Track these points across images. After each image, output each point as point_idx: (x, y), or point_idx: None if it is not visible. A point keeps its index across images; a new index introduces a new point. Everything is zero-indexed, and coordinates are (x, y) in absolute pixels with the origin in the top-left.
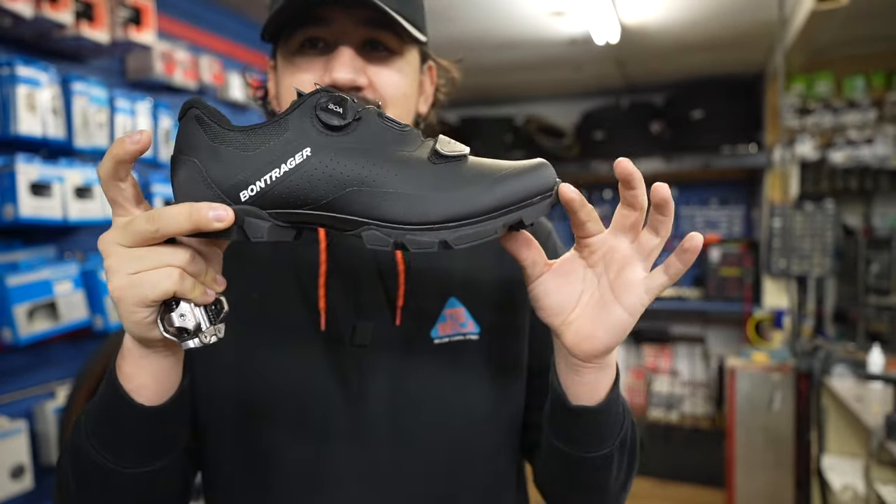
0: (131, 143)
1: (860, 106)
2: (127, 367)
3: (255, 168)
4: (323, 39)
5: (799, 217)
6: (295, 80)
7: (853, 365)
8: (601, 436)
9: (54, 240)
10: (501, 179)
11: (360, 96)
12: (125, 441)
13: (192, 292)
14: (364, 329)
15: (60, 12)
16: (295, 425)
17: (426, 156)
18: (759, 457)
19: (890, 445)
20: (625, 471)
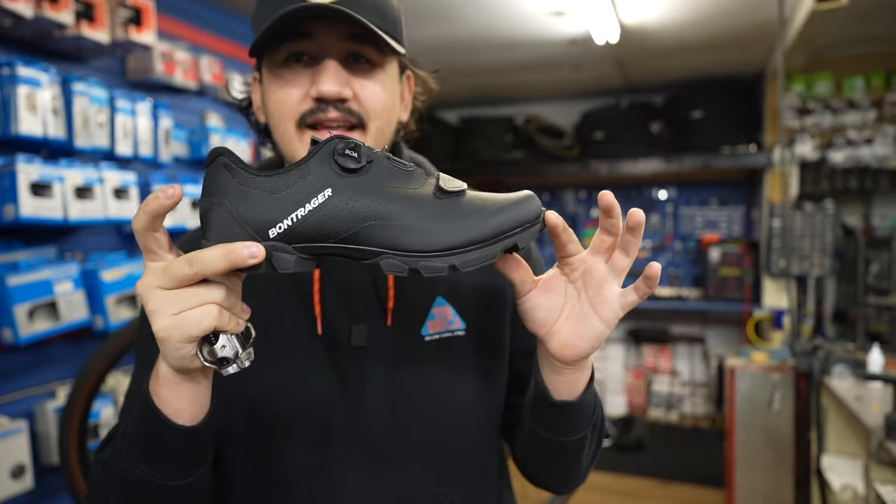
0: (165, 197)
1: (860, 106)
2: (165, 394)
3: (282, 208)
4: (307, 53)
5: (799, 217)
6: (282, 93)
7: (853, 365)
8: (578, 424)
9: (55, 240)
10: (497, 211)
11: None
12: (170, 458)
13: (228, 324)
14: (359, 331)
15: (61, 12)
16: (297, 424)
17: (431, 192)
18: (758, 456)
19: (889, 445)
20: (594, 448)
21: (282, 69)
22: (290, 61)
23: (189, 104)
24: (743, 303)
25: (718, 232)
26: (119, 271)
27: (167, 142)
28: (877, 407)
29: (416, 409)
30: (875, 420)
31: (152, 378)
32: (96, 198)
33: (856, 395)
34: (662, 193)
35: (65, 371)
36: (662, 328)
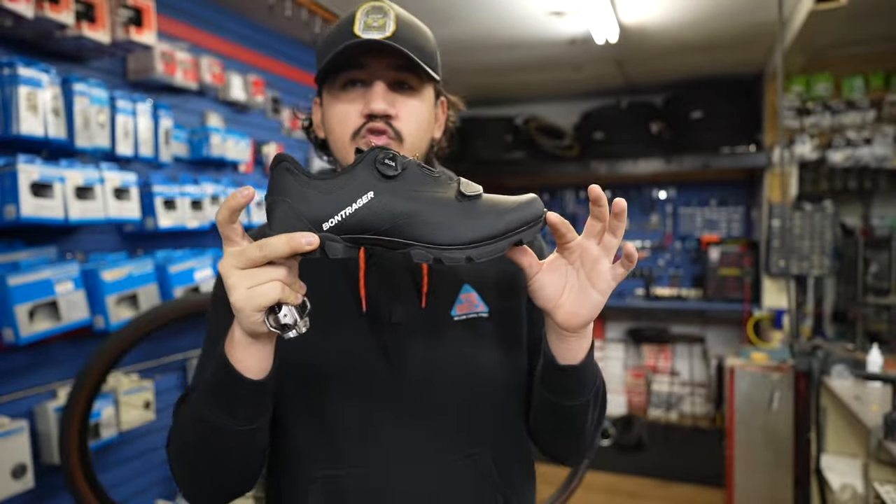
0: (242, 196)
1: (859, 106)
2: (238, 354)
3: (333, 206)
4: (361, 80)
5: (798, 217)
6: (340, 111)
7: (852, 364)
8: (580, 388)
9: (55, 240)
10: (507, 212)
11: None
12: (239, 406)
13: (289, 297)
14: (398, 310)
15: (61, 13)
16: (344, 385)
17: (454, 195)
18: (758, 456)
19: (888, 445)
20: (596, 419)
21: (340, 92)
22: (346, 86)
23: (189, 104)
24: (743, 303)
25: (718, 232)
26: (119, 271)
27: (167, 142)
28: (876, 407)
29: (448, 376)
30: (874, 420)
31: (227, 341)
32: (97, 198)
33: (855, 395)
34: (662, 193)
35: (65, 371)
36: (662, 328)
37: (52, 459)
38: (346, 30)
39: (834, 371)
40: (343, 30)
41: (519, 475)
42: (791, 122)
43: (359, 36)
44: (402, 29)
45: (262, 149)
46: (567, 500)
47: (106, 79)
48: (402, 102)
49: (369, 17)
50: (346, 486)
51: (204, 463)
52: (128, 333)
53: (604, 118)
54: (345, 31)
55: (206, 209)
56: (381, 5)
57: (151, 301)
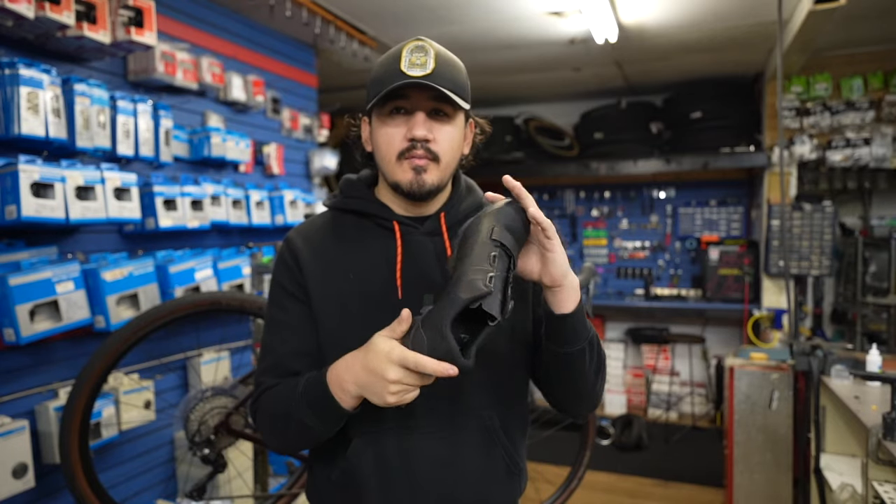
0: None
1: (858, 106)
2: (344, 397)
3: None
4: (405, 108)
5: (797, 217)
6: (388, 135)
7: (851, 364)
8: (576, 335)
9: (56, 240)
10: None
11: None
12: (331, 421)
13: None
14: (428, 298)
15: (62, 13)
16: None
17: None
18: (757, 456)
19: (887, 444)
20: (595, 364)
21: (387, 118)
22: (392, 113)
23: (190, 104)
24: (742, 303)
25: (718, 232)
26: (120, 271)
27: (168, 142)
28: (875, 406)
29: None
30: (873, 419)
31: (337, 380)
32: (97, 198)
33: (854, 395)
34: (662, 193)
35: (66, 370)
36: (662, 328)
37: (53, 459)
38: (393, 67)
39: (833, 371)
40: (391, 67)
41: (517, 433)
42: (790, 123)
43: (405, 72)
44: (439, 66)
45: (263, 149)
46: (567, 499)
47: (106, 79)
48: (439, 129)
49: (413, 56)
50: (384, 439)
51: (290, 438)
52: (128, 333)
53: (604, 118)
54: (393, 68)
55: (207, 209)
56: (424, 45)
57: (152, 301)
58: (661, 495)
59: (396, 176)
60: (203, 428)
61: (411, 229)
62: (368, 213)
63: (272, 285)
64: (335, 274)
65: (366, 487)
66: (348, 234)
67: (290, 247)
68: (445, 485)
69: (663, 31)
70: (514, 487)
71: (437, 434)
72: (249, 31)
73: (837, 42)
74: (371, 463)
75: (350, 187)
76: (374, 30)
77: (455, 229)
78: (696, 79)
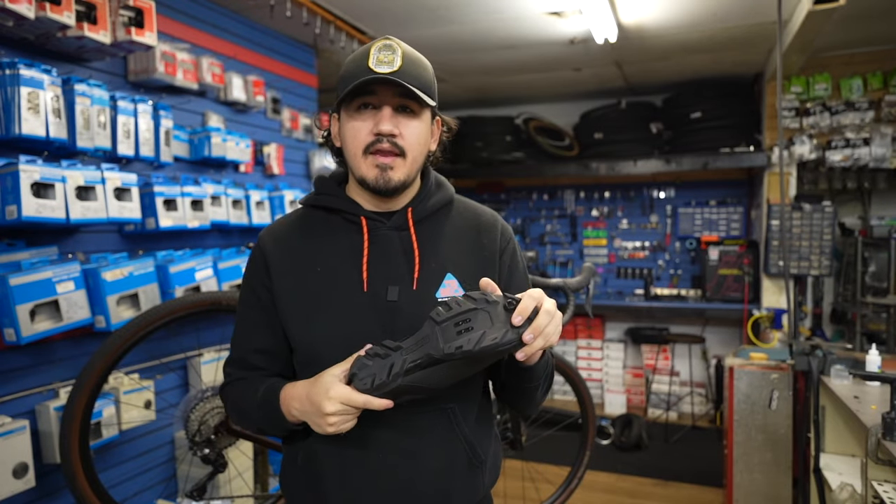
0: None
1: (858, 106)
2: (288, 415)
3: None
4: (372, 104)
5: (797, 217)
6: (355, 129)
7: (851, 364)
8: (535, 377)
9: (57, 240)
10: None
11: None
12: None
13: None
14: (393, 290)
15: (63, 14)
16: (346, 350)
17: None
18: (757, 455)
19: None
20: (545, 389)
21: (355, 113)
22: (360, 108)
23: (190, 105)
24: (742, 302)
25: (717, 232)
26: (120, 271)
27: (168, 142)
28: (874, 406)
29: None
30: (873, 419)
31: (287, 405)
32: (98, 198)
33: (854, 395)
34: (662, 193)
35: (66, 370)
36: (662, 328)
37: (54, 459)
38: (362, 64)
39: (833, 371)
40: (359, 64)
41: (480, 426)
42: (790, 123)
43: (373, 69)
44: (406, 64)
45: (263, 149)
46: (567, 499)
47: (107, 79)
48: (405, 124)
49: (381, 54)
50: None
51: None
52: (129, 333)
53: (604, 118)
54: (361, 65)
55: (207, 209)
56: (391, 43)
57: (152, 301)
58: (661, 495)
59: (362, 171)
60: (203, 428)
61: (378, 224)
62: (337, 208)
63: (242, 283)
64: (303, 268)
65: (326, 473)
66: (317, 229)
67: (259, 246)
68: (405, 476)
69: (663, 31)
70: (476, 480)
71: (397, 425)
72: (249, 31)
73: (837, 42)
74: (331, 449)
75: (322, 184)
76: (374, 30)
77: (423, 224)
78: (695, 79)
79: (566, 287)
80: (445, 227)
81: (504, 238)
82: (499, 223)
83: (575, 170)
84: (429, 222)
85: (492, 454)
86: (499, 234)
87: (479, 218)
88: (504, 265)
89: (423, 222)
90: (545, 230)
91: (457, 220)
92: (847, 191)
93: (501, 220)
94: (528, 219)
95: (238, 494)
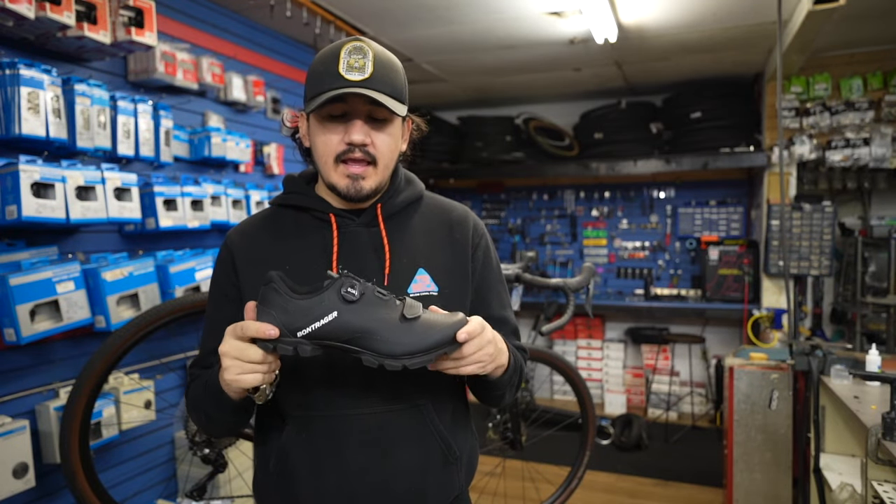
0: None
1: (857, 106)
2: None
3: (306, 320)
4: (343, 112)
5: (797, 217)
6: (326, 138)
7: (851, 364)
8: (503, 385)
9: (57, 240)
10: (436, 332)
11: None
12: (227, 409)
13: (264, 382)
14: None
15: (63, 14)
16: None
17: (398, 317)
18: (757, 455)
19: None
20: (514, 389)
21: (325, 121)
22: (331, 116)
23: (190, 105)
24: (742, 302)
25: (717, 232)
26: (120, 271)
27: (168, 142)
28: (874, 406)
29: None
30: (873, 419)
31: (220, 376)
32: (98, 198)
33: (854, 395)
34: (662, 193)
35: (66, 370)
36: (662, 328)
37: (54, 459)
38: (331, 68)
39: (833, 371)
40: (329, 67)
41: (456, 421)
42: (790, 123)
43: (342, 75)
44: (377, 69)
45: (263, 149)
46: (567, 499)
47: (107, 79)
48: (376, 134)
49: (351, 58)
50: (313, 424)
51: (207, 424)
52: (129, 333)
53: (604, 118)
54: (330, 69)
55: (207, 209)
56: (362, 45)
57: (152, 301)
58: (661, 495)
59: (333, 179)
60: None
61: (348, 221)
62: (306, 206)
63: (211, 284)
64: (272, 265)
65: (298, 476)
66: (286, 227)
67: (227, 245)
68: (378, 474)
69: (663, 31)
70: (452, 478)
71: (368, 422)
72: (249, 31)
73: (837, 42)
74: (303, 450)
75: (291, 183)
76: (374, 30)
77: (393, 219)
78: (695, 79)
79: (566, 287)
80: (415, 222)
81: (477, 233)
82: (470, 218)
83: (575, 170)
84: (398, 218)
85: (468, 450)
86: (471, 229)
87: (450, 213)
88: (478, 260)
89: (392, 218)
90: (545, 230)
91: (427, 215)
92: (847, 191)
93: (473, 215)
94: (528, 219)
95: (238, 494)
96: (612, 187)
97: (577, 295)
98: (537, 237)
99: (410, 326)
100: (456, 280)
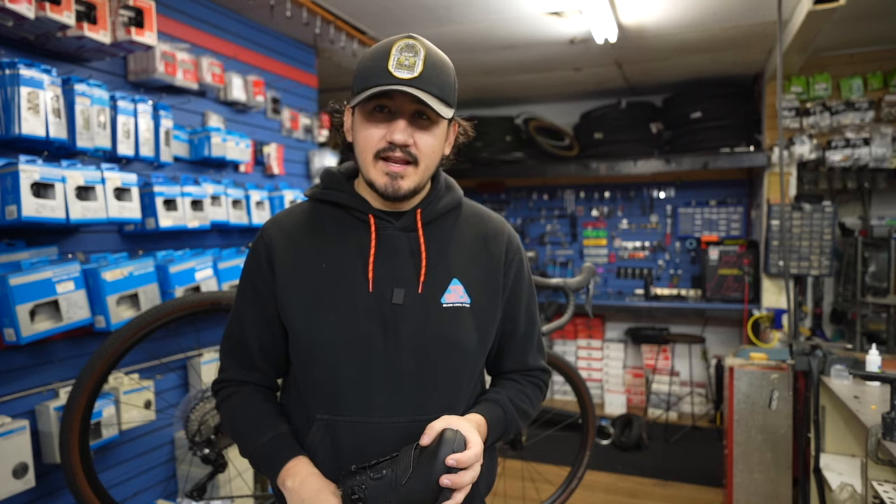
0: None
1: (858, 106)
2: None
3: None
4: (388, 107)
5: (797, 217)
6: (368, 133)
7: (851, 364)
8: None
9: (56, 240)
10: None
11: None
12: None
13: None
14: (399, 293)
15: (62, 13)
16: (348, 352)
17: (403, 481)
18: (757, 455)
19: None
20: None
21: (369, 117)
22: (376, 110)
23: (190, 105)
24: (742, 303)
25: (717, 232)
26: (120, 271)
27: (168, 142)
28: (874, 406)
29: (434, 350)
30: (873, 419)
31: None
32: (98, 198)
33: (854, 395)
34: (662, 193)
35: (66, 370)
36: (662, 328)
37: (54, 459)
38: (381, 64)
39: (833, 371)
40: (378, 63)
41: None
42: (790, 123)
43: (391, 73)
44: (428, 69)
45: (263, 149)
46: (567, 499)
47: (107, 79)
48: (419, 136)
49: (402, 55)
50: (340, 428)
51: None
52: (129, 333)
53: (604, 118)
54: (380, 65)
55: (207, 209)
56: (414, 43)
57: (152, 301)
58: (661, 495)
59: (371, 175)
60: (203, 428)
61: (387, 223)
62: (345, 205)
63: (242, 274)
64: (308, 263)
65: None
66: (325, 224)
67: (264, 238)
68: None
69: (663, 31)
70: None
71: (394, 431)
72: (249, 31)
73: (837, 42)
74: (327, 452)
75: (330, 179)
76: (374, 30)
77: (431, 225)
78: (695, 79)
79: (566, 287)
80: (453, 231)
81: (511, 248)
82: (506, 232)
83: (575, 170)
84: (437, 225)
85: (487, 460)
86: (505, 244)
87: (486, 224)
88: (510, 276)
89: (431, 225)
90: (545, 230)
91: (464, 224)
92: (847, 191)
93: (510, 227)
94: (528, 219)
95: (238, 494)
96: (612, 187)
97: (577, 295)
98: (537, 237)
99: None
100: (488, 294)
